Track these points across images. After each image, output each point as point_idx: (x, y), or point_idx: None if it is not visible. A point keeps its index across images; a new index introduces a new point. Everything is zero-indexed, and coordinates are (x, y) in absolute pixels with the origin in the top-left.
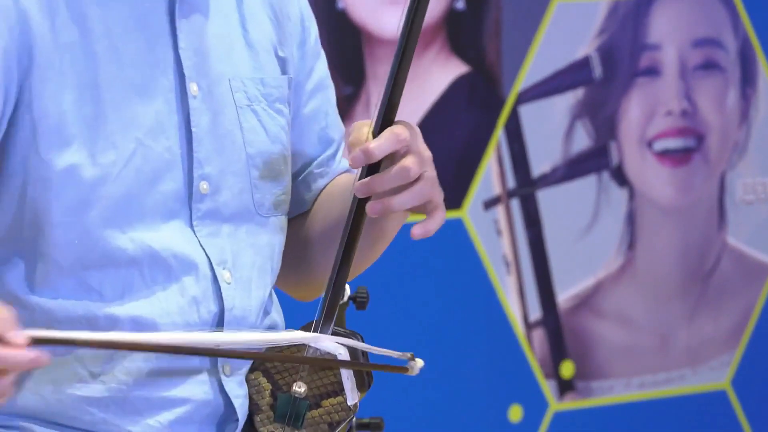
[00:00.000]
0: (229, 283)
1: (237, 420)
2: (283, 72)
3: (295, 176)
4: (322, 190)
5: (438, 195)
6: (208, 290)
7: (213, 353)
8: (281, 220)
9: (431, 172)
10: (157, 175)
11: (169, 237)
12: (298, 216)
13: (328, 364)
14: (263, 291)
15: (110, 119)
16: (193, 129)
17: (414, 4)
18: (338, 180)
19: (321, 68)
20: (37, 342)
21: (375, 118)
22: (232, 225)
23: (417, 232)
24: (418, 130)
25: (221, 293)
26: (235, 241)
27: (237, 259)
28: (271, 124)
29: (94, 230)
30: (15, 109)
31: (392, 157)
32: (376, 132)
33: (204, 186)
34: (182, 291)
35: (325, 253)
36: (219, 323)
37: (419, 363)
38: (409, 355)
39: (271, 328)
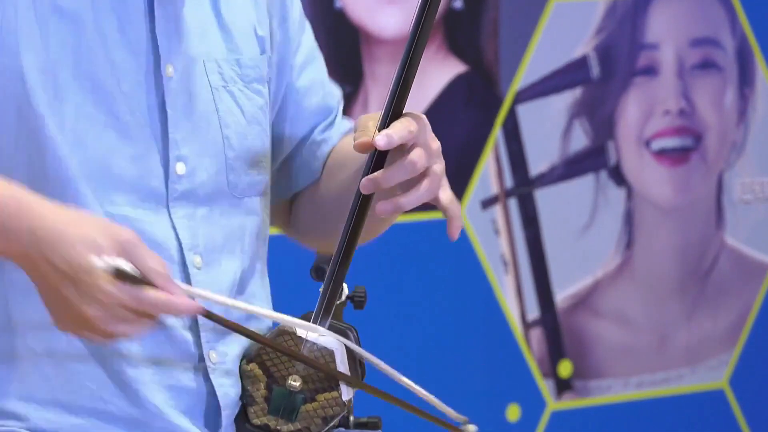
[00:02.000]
0: (198, 268)
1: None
2: (262, 51)
3: (299, 146)
4: (328, 155)
5: (447, 189)
6: (174, 274)
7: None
8: (255, 201)
9: (440, 164)
10: (134, 151)
11: (144, 216)
12: (311, 184)
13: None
14: (233, 274)
15: (87, 89)
16: (169, 110)
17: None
18: (344, 144)
19: (308, 41)
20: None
21: (383, 111)
22: (207, 207)
23: (455, 233)
24: (426, 120)
25: (190, 279)
26: (208, 224)
27: (209, 243)
28: (248, 105)
29: (80, 191)
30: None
31: (400, 150)
32: (383, 125)
33: (180, 167)
34: None
35: (340, 214)
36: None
37: (472, 429)
38: (464, 418)
39: (249, 319)
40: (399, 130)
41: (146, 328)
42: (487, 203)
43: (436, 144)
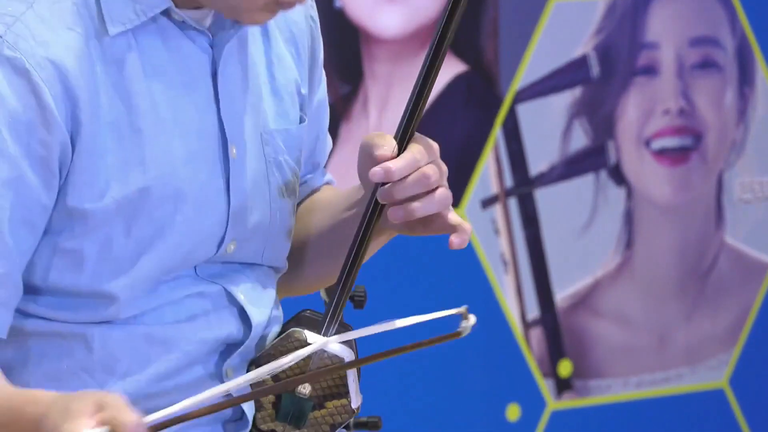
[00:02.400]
0: (245, 303)
1: (243, 417)
2: (302, 111)
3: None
4: (306, 197)
5: (453, 212)
6: (223, 311)
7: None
8: (280, 262)
9: (446, 186)
10: (195, 243)
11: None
12: None
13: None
14: (270, 303)
15: (156, 193)
16: (232, 194)
17: (447, 15)
18: (320, 192)
19: (322, 92)
20: (154, 429)
21: (397, 131)
22: (235, 271)
23: (456, 241)
24: (437, 146)
25: (245, 310)
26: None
27: (240, 285)
28: (289, 175)
29: (119, 293)
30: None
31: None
32: (399, 139)
33: (231, 247)
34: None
35: (305, 262)
36: (243, 340)
37: (472, 320)
38: (463, 309)
39: (269, 324)
40: (409, 161)
41: None
42: (487, 203)
43: (444, 168)
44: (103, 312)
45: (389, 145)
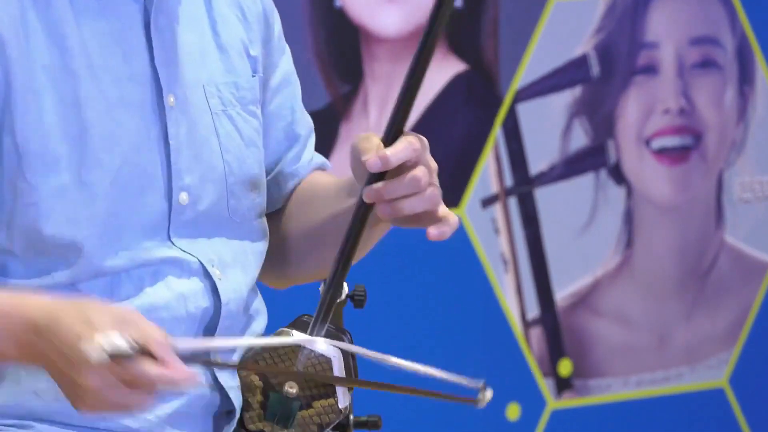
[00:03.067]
0: (220, 279)
1: (233, 411)
2: (254, 72)
3: (266, 173)
4: (294, 188)
5: (443, 206)
6: (197, 286)
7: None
8: (254, 225)
9: (437, 184)
10: (141, 190)
11: (154, 247)
12: (270, 214)
13: (396, 389)
14: (244, 288)
15: (95, 137)
16: (171, 141)
17: (435, 12)
18: (315, 179)
19: (285, 64)
20: (189, 359)
21: (386, 127)
22: (208, 234)
23: (433, 233)
24: (426, 142)
25: (217, 288)
26: (212, 247)
27: (219, 259)
28: (245, 128)
29: (84, 248)
30: None
31: (400, 167)
32: (387, 140)
33: (184, 197)
34: (168, 287)
35: (305, 252)
36: (213, 319)
37: (489, 394)
38: (481, 384)
39: (252, 316)
40: (399, 151)
41: (152, 398)
42: (487, 202)
43: (434, 165)
44: (74, 267)
45: (375, 147)
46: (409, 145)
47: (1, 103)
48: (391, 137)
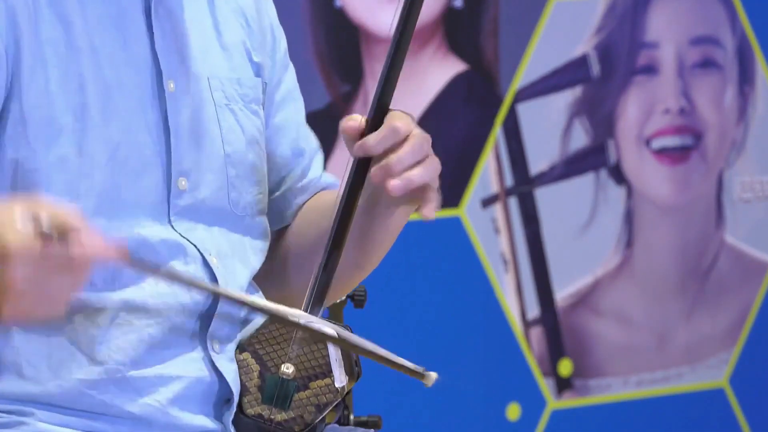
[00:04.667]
0: (218, 268)
1: (232, 399)
2: (257, 74)
3: (273, 190)
4: (302, 205)
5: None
6: (198, 272)
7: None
8: (256, 221)
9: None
10: (139, 169)
11: (153, 228)
12: (277, 231)
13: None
14: (243, 280)
15: (93, 112)
16: (170, 125)
17: None
18: (323, 197)
19: (289, 80)
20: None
21: (370, 107)
22: (208, 222)
23: (429, 214)
24: (413, 116)
25: (215, 275)
26: (211, 236)
27: (219, 251)
28: (248, 125)
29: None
30: (6, 100)
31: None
32: (370, 119)
33: (182, 182)
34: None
35: (299, 269)
36: (213, 304)
37: (433, 376)
38: (421, 369)
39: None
40: (387, 133)
41: (81, 277)
42: (488, 202)
43: (427, 135)
44: None
45: (355, 118)
46: (393, 131)
47: (11, 71)
48: (376, 116)
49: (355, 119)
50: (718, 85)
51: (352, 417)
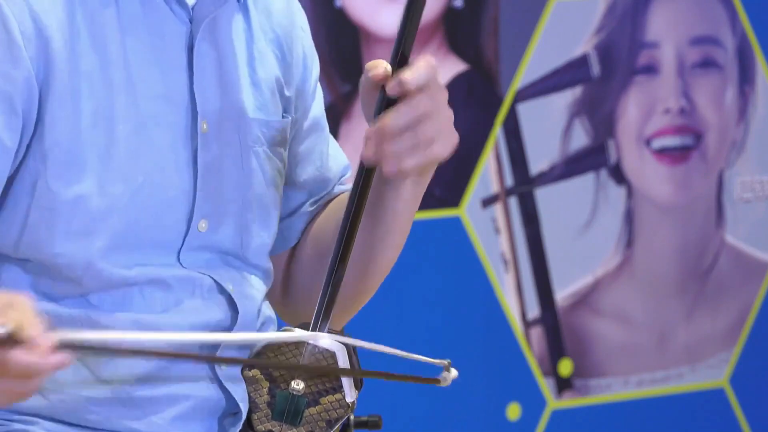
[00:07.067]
0: (234, 292)
1: (239, 411)
2: (285, 112)
3: (291, 212)
4: (308, 223)
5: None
6: (212, 300)
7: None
8: (261, 264)
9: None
10: (160, 209)
11: (165, 265)
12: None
13: (360, 374)
14: (259, 302)
15: (121, 151)
16: (199, 167)
17: None
18: (329, 210)
19: (317, 108)
20: (66, 346)
21: (392, 54)
22: (216, 260)
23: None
24: (434, 61)
25: (233, 300)
26: (222, 268)
27: (230, 278)
28: (269, 168)
29: (96, 260)
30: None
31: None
32: (394, 64)
33: (203, 224)
34: (178, 304)
35: (311, 279)
36: (229, 328)
37: (453, 373)
38: (446, 362)
39: (264, 324)
40: (424, 66)
41: (32, 387)
42: (488, 202)
43: (444, 91)
44: (84, 277)
45: (381, 65)
46: (428, 64)
47: (37, 102)
48: (397, 64)
49: (382, 64)
50: (719, 85)
51: (352, 417)
